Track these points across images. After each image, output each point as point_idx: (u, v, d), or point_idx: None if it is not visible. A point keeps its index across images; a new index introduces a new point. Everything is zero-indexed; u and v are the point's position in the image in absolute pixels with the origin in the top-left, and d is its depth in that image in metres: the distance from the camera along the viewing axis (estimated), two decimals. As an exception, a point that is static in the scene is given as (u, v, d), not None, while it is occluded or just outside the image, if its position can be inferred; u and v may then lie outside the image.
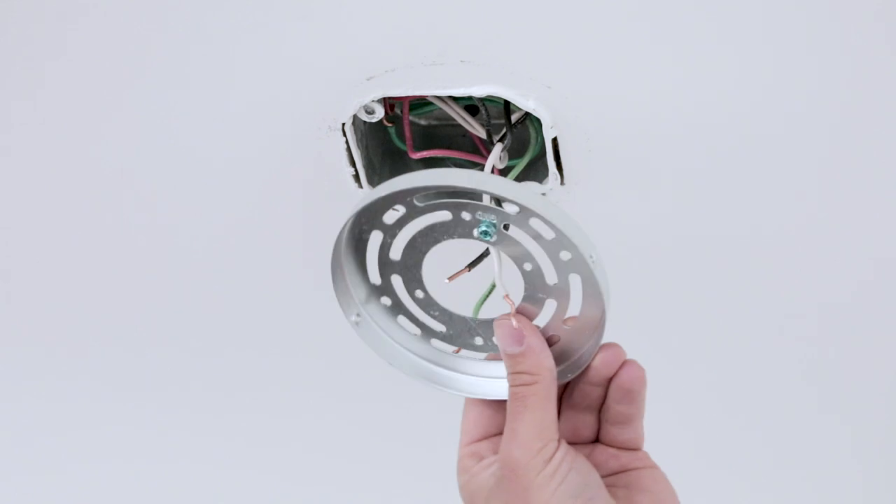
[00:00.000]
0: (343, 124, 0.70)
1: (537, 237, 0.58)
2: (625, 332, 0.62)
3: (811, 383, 0.95)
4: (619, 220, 0.78)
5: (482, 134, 0.71)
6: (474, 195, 0.58)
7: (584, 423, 0.62)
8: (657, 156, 0.73)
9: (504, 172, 0.71)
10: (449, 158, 0.76)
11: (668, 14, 0.64)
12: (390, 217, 0.61)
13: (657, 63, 0.67)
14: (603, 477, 0.60)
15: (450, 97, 0.70)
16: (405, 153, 0.72)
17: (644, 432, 0.62)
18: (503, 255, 0.60)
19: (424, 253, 0.62)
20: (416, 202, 0.59)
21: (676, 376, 0.93)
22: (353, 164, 0.73)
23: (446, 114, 0.72)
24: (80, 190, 0.80)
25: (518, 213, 0.57)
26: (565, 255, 0.58)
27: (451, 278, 0.63)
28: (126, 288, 0.88)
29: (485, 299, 0.63)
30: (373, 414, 1.03)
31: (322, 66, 0.68)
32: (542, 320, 0.62)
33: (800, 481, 1.08)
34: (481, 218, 0.58)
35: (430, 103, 0.71)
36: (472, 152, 0.73)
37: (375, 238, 0.62)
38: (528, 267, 0.59)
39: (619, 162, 0.73)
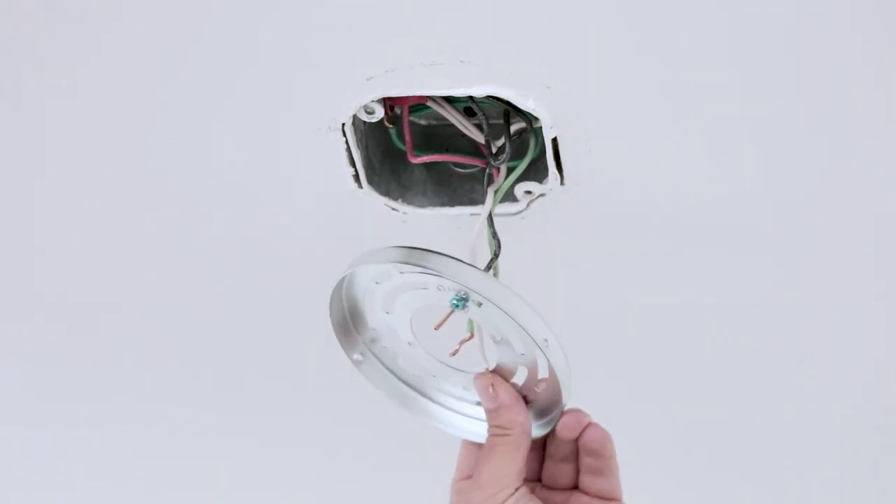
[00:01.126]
0: (343, 124, 0.70)
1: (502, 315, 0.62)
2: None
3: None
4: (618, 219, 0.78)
5: (481, 139, 0.71)
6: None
7: (562, 472, 0.67)
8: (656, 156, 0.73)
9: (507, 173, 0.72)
10: (449, 163, 0.76)
11: (668, 15, 0.64)
12: (381, 277, 0.64)
13: (657, 62, 0.67)
14: None
15: (445, 99, 0.71)
16: (405, 153, 0.73)
17: (620, 485, 0.66)
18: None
19: (413, 309, 0.66)
20: (398, 271, 0.63)
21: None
22: (352, 164, 0.73)
23: (445, 117, 0.72)
24: (82, 193, 0.80)
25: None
26: (525, 334, 0.62)
27: (437, 326, 0.66)
28: (125, 287, 0.88)
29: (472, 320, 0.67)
30: (377, 415, 1.03)
31: (322, 66, 0.68)
32: (520, 378, 0.66)
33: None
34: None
35: (429, 107, 0.71)
36: (472, 154, 0.73)
37: (372, 290, 0.66)
38: (497, 337, 0.64)
39: (618, 162, 0.73)
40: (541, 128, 0.69)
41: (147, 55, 0.69)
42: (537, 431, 0.66)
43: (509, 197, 0.74)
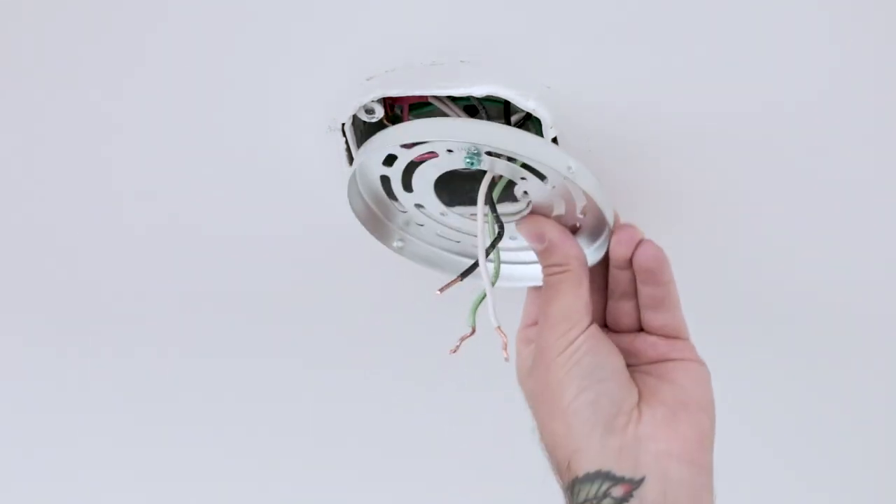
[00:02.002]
0: (343, 124, 0.70)
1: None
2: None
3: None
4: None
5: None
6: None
7: (624, 311, 0.66)
8: (656, 154, 0.73)
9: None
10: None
11: (669, 14, 0.64)
12: (389, 160, 0.64)
13: (657, 63, 0.67)
14: (642, 365, 0.64)
15: (449, 98, 0.70)
16: (405, 152, 0.72)
17: (684, 321, 0.65)
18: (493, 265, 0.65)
19: (433, 179, 0.65)
20: (402, 146, 0.63)
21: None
22: (352, 164, 0.73)
23: (446, 114, 0.72)
24: (89, 195, 0.80)
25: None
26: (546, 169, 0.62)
27: (442, 290, 0.67)
28: (125, 289, 0.88)
29: (477, 306, 0.66)
30: (370, 421, 1.03)
31: (322, 66, 0.68)
32: (560, 209, 0.64)
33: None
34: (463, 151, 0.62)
35: (430, 104, 0.71)
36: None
37: (387, 174, 0.66)
38: (523, 177, 0.62)
39: (619, 161, 0.73)
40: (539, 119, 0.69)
41: (143, 54, 0.68)
42: (593, 256, 0.64)
43: (509, 197, 0.74)
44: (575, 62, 0.67)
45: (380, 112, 0.70)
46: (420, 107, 0.71)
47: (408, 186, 0.65)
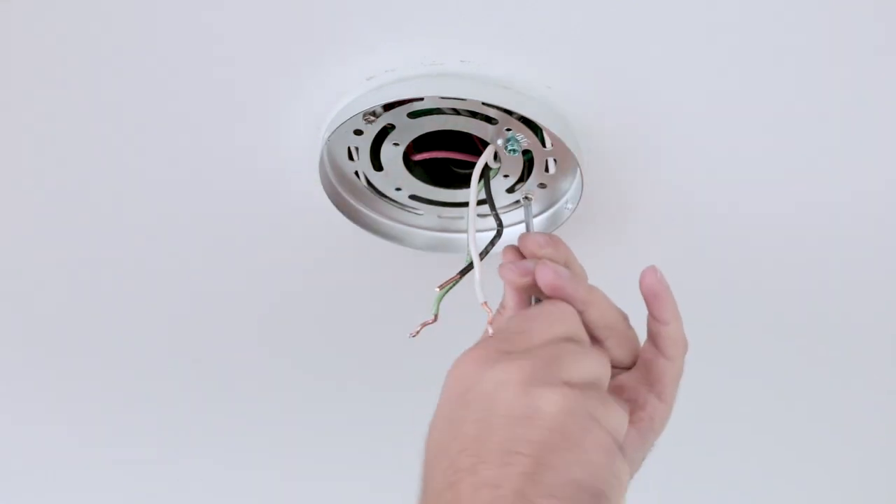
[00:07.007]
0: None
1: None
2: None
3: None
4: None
5: (479, 131, 0.71)
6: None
7: None
8: (657, 155, 0.73)
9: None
10: (449, 160, 0.76)
11: (670, 12, 0.64)
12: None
13: (657, 62, 0.67)
14: None
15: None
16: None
17: None
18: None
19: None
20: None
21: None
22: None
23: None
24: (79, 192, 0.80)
25: None
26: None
27: (441, 286, 0.67)
28: (120, 289, 0.88)
29: (443, 296, 0.68)
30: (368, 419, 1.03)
31: (322, 66, 0.68)
32: None
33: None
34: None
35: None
36: (472, 153, 0.73)
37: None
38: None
39: (620, 161, 0.73)
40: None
41: (140, 53, 0.68)
42: None
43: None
44: (575, 62, 0.67)
45: (380, 112, 0.69)
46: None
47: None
